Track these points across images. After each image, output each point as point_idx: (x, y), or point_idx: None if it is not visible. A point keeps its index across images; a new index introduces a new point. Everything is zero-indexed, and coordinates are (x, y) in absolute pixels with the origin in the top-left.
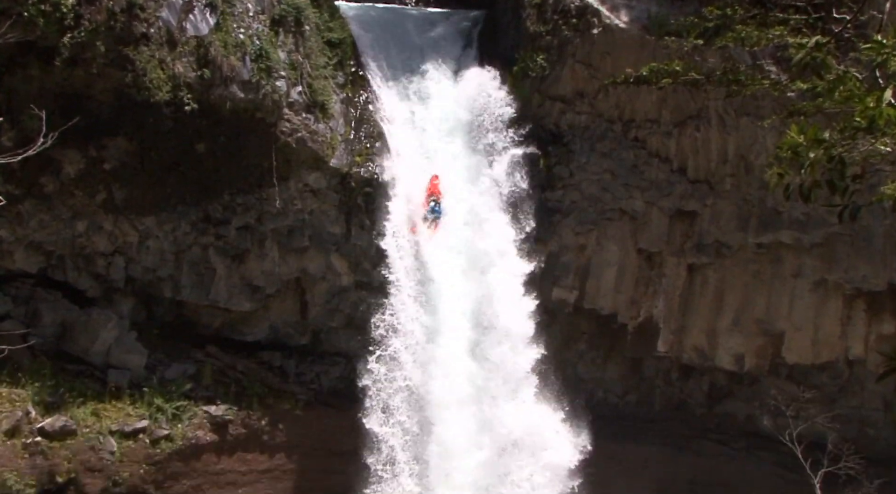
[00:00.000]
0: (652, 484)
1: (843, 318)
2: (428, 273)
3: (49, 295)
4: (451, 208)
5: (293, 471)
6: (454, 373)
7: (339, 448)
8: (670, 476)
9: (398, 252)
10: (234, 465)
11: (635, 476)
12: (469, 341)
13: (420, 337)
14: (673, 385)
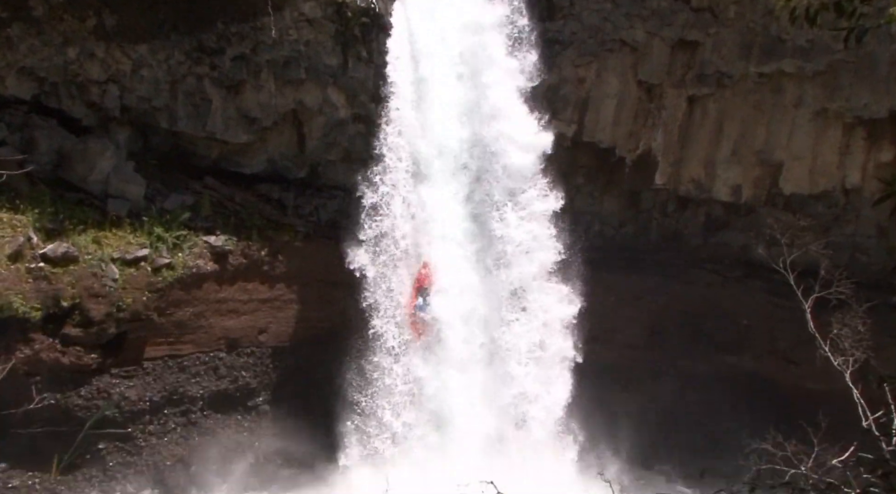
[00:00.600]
0: (646, 314)
1: (842, 147)
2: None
3: (44, 122)
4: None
5: (293, 301)
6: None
7: (337, 279)
8: (664, 306)
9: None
10: (235, 294)
11: (630, 306)
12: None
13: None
14: (669, 216)
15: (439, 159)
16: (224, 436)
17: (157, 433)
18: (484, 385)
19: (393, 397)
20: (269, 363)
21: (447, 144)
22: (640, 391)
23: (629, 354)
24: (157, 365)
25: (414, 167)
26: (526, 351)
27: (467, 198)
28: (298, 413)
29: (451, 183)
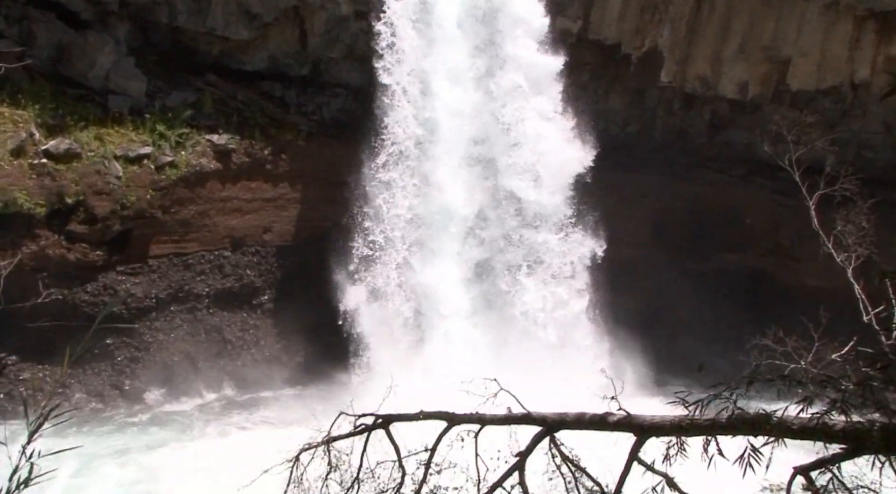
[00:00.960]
0: (650, 213)
1: (852, 41)
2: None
3: (42, 15)
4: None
5: (297, 200)
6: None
7: (339, 178)
8: (668, 205)
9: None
10: (239, 193)
11: (634, 206)
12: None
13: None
14: (674, 114)
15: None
16: (230, 334)
17: (163, 329)
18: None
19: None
20: (273, 262)
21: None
22: (642, 289)
23: (632, 253)
24: (163, 263)
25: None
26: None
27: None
28: (303, 312)
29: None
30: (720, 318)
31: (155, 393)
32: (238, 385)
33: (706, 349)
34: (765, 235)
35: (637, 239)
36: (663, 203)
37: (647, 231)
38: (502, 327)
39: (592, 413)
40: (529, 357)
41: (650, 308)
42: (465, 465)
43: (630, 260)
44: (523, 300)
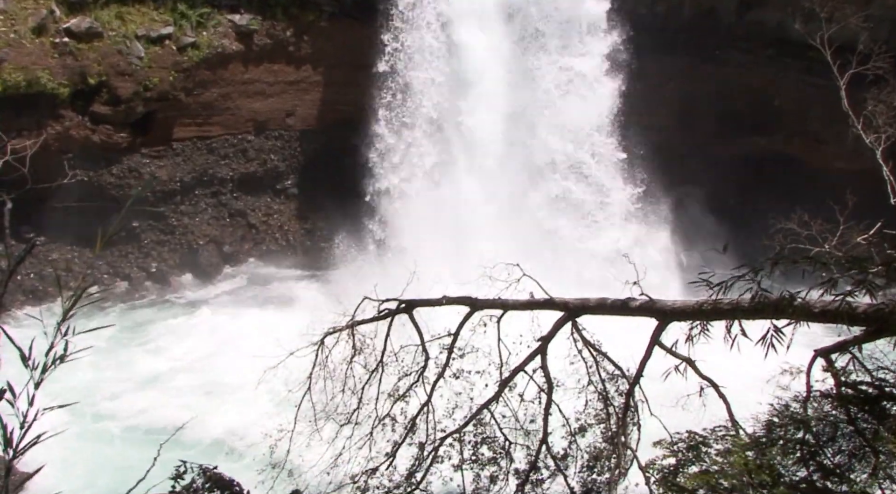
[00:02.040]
0: (677, 96)
1: None
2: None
3: None
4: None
5: (319, 83)
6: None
7: (361, 61)
8: (695, 88)
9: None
10: (262, 76)
11: (659, 89)
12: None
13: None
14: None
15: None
16: (254, 218)
17: (188, 213)
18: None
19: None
20: (296, 146)
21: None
22: (667, 174)
23: (658, 137)
24: (187, 146)
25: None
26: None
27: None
28: (326, 197)
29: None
30: (745, 203)
31: (181, 275)
32: (263, 268)
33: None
34: (793, 118)
35: (662, 123)
36: (689, 85)
37: (674, 115)
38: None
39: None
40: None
41: (675, 193)
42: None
43: (656, 145)
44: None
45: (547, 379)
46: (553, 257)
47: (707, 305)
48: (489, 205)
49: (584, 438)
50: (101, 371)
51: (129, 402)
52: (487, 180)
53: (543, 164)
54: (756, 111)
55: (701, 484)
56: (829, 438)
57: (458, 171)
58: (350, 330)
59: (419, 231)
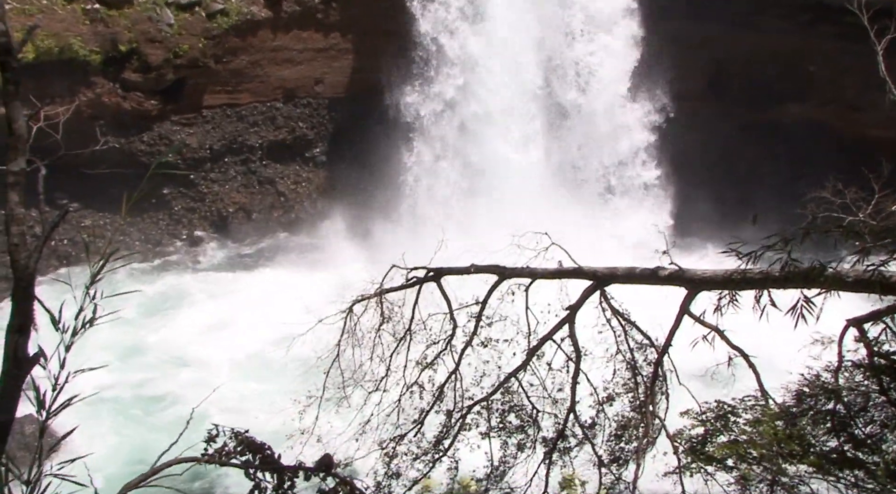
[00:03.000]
0: (707, 63)
1: None
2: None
3: None
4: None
5: (348, 51)
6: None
7: (391, 27)
8: (728, 54)
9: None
10: (290, 43)
11: (692, 56)
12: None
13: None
14: None
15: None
16: (283, 186)
17: (218, 180)
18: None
19: (449, 152)
20: (325, 114)
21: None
22: (697, 142)
23: (688, 105)
24: (216, 113)
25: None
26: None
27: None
28: (355, 165)
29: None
30: (777, 171)
31: (211, 242)
32: (291, 236)
33: (761, 202)
34: (827, 85)
35: (693, 91)
36: (722, 51)
37: (704, 81)
38: (559, 181)
39: (643, 267)
40: (584, 211)
41: (705, 161)
42: (515, 318)
43: (686, 112)
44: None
45: (575, 348)
46: (583, 225)
47: (737, 275)
48: (521, 171)
49: (611, 407)
50: (131, 335)
51: (159, 368)
52: (517, 145)
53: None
54: (789, 78)
55: (730, 454)
56: (860, 408)
57: (487, 138)
58: (378, 298)
59: (448, 198)
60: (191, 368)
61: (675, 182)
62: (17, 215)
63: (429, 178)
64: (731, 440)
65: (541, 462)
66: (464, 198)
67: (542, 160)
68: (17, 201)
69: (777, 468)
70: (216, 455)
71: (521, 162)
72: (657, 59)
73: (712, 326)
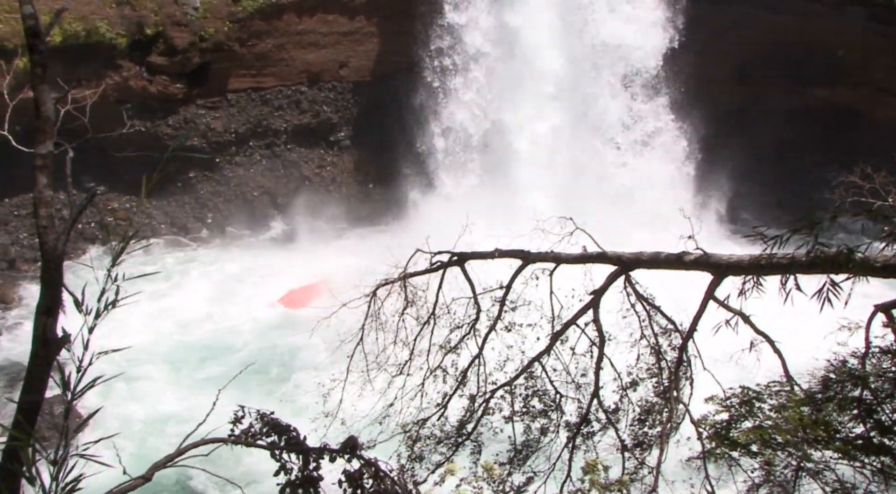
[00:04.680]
0: (735, 47)
1: None
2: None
3: None
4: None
5: (373, 34)
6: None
7: (415, 10)
8: (754, 39)
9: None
10: (315, 26)
11: (721, 38)
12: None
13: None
14: None
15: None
16: (307, 170)
17: (243, 164)
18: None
19: (472, 135)
20: (349, 98)
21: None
22: (724, 126)
23: (715, 89)
24: (241, 97)
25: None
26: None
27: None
28: (379, 149)
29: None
30: (804, 155)
31: (235, 225)
32: (315, 220)
33: (788, 187)
34: (856, 68)
35: (720, 75)
36: (749, 37)
37: (732, 66)
38: (580, 163)
39: (668, 253)
40: (608, 193)
41: (732, 146)
42: (539, 303)
43: (712, 97)
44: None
45: (599, 333)
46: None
47: (763, 259)
48: (544, 154)
49: (635, 392)
50: (152, 319)
51: (182, 349)
52: (542, 130)
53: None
54: (817, 62)
55: (754, 439)
56: (887, 395)
57: (512, 121)
58: (402, 282)
59: (472, 182)
60: (213, 351)
61: (701, 166)
62: (45, 198)
63: (453, 162)
64: (756, 425)
65: (564, 447)
66: (488, 183)
67: (566, 145)
68: (45, 184)
69: (802, 453)
70: (242, 436)
71: (545, 147)
72: (683, 42)
73: (737, 311)
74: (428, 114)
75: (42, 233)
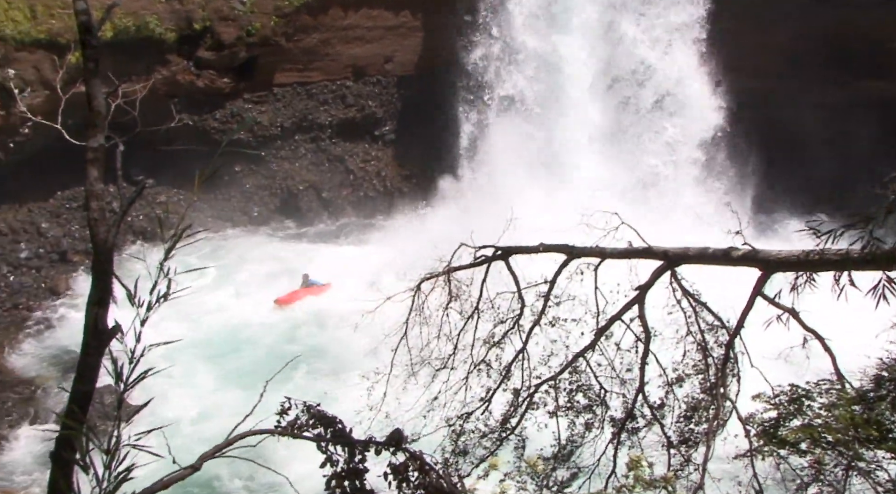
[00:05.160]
0: (783, 39)
1: None
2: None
3: None
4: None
5: (418, 28)
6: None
7: (460, 5)
8: (803, 31)
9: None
10: (361, 21)
11: (766, 32)
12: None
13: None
14: None
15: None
16: (352, 164)
17: (288, 158)
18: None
19: (518, 129)
20: (394, 92)
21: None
22: (774, 120)
23: (763, 83)
24: (287, 91)
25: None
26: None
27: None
28: (423, 143)
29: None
30: (857, 150)
31: (281, 218)
32: (359, 213)
33: (840, 182)
34: None
35: (770, 67)
36: (797, 28)
37: (780, 59)
38: (628, 158)
39: (716, 248)
40: (654, 187)
41: (782, 140)
42: (583, 298)
43: (762, 90)
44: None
45: (644, 329)
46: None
47: (814, 255)
48: (586, 144)
49: (681, 388)
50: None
51: (226, 341)
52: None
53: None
54: (868, 54)
55: (803, 438)
56: None
57: (557, 115)
58: (446, 277)
59: (517, 176)
60: (260, 342)
61: (751, 160)
62: (96, 191)
63: (498, 157)
64: (805, 424)
65: (609, 442)
66: (533, 177)
67: (613, 137)
68: (96, 177)
69: (853, 453)
70: (289, 428)
71: (591, 140)
72: (733, 34)
73: (787, 308)
74: (472, 109)
75: (93, 226)
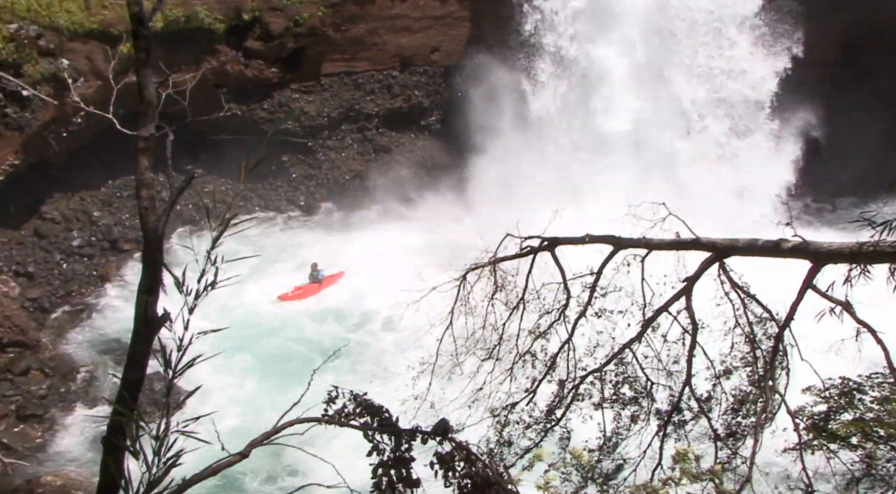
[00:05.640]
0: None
1: None
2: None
3: None
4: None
5: (465, 19)
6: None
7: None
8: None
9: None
10: (408, 11)
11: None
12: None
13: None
14: None
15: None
16: (398, 154)
17: (335, 148)
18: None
19: (566, 122)
20: (440, 82)
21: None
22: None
23: (819, 72)
24: (334, 81)
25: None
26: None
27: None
28: (469, 132)
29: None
30: None
31: (327, 208)
32: (405, 202)
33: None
34: None
35: (823, 56)
36: (854, 17)
37: (836, 47)
38: (674, 150)
39: (765, 240)
40: (700, 181)
41: (830, 130)
42: (630, 289)
43: (815, 79)
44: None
45: (691, 321)
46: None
47: (868, 247)
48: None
49: (728, 381)
50: (243, 299)
51: (272, 329)
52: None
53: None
54: None
55: (854, 432)
56: None
57: (602, 104)
58: (492, 267)
59: (564, 166)
60: (307, 332)
61: (802, 150)
62: (146, 180)
63: (544, 147)
64: (857, 418)
65: (654, 435)
66: (579, 167)
67: (659, 124)
68: (146, 166)
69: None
70: (336, 417)
71: (635, 130)
72: (785, 24)
73: (839, 301)
74: (518, 98)
75: (143, 214)
